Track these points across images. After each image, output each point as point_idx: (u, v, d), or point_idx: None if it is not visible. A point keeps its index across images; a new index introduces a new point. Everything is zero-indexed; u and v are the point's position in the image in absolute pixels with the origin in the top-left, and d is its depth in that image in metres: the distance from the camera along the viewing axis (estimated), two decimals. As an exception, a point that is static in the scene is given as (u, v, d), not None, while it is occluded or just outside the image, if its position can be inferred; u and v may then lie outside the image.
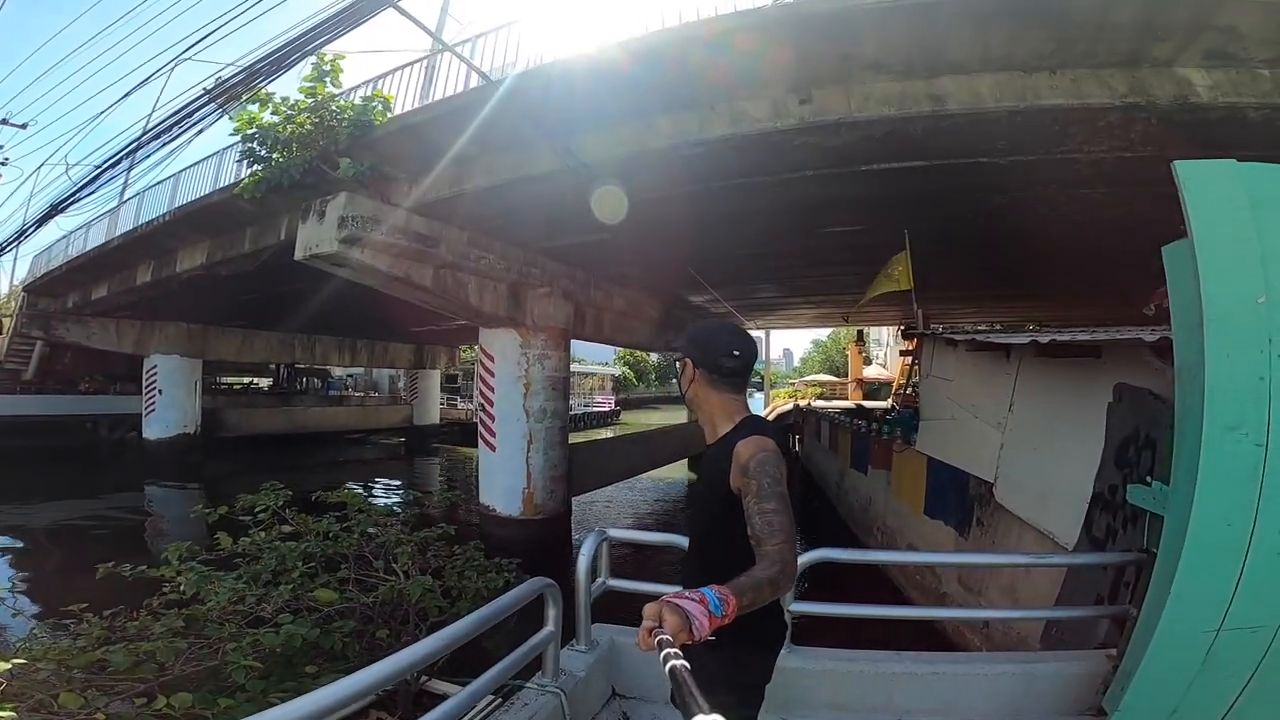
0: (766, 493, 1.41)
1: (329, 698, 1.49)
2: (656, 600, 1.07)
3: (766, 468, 1.46)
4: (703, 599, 1.08)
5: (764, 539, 1.34)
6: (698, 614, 1.05)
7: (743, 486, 1.47)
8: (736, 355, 1.68)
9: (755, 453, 1.49)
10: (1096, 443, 4.16)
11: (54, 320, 18.21)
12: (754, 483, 1.44)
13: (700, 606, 1.06)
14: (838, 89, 5.43)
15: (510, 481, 10.55)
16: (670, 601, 1.06)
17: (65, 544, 11.53)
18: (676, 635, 1.00)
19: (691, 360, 1.74)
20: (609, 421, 41.28)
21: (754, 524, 1.38)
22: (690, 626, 1.03)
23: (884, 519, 9.23)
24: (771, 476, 1.45)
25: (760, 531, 1.36)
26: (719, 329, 1.76)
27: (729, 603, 1.11)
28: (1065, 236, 8.69)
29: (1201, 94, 4.86)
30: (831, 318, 22.48)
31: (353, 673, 1.63)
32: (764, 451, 1.50)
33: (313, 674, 2.59)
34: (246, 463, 19.51)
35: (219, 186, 10.16)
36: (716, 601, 1.09)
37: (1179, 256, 2.43)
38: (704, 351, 1.72)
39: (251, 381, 33.55)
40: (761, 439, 1.54)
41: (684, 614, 1.03)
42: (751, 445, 1.52)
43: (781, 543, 1.32)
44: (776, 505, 1.39)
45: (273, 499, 3.71)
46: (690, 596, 1.08)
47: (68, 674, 2.10)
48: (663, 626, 1.02)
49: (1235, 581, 2.19)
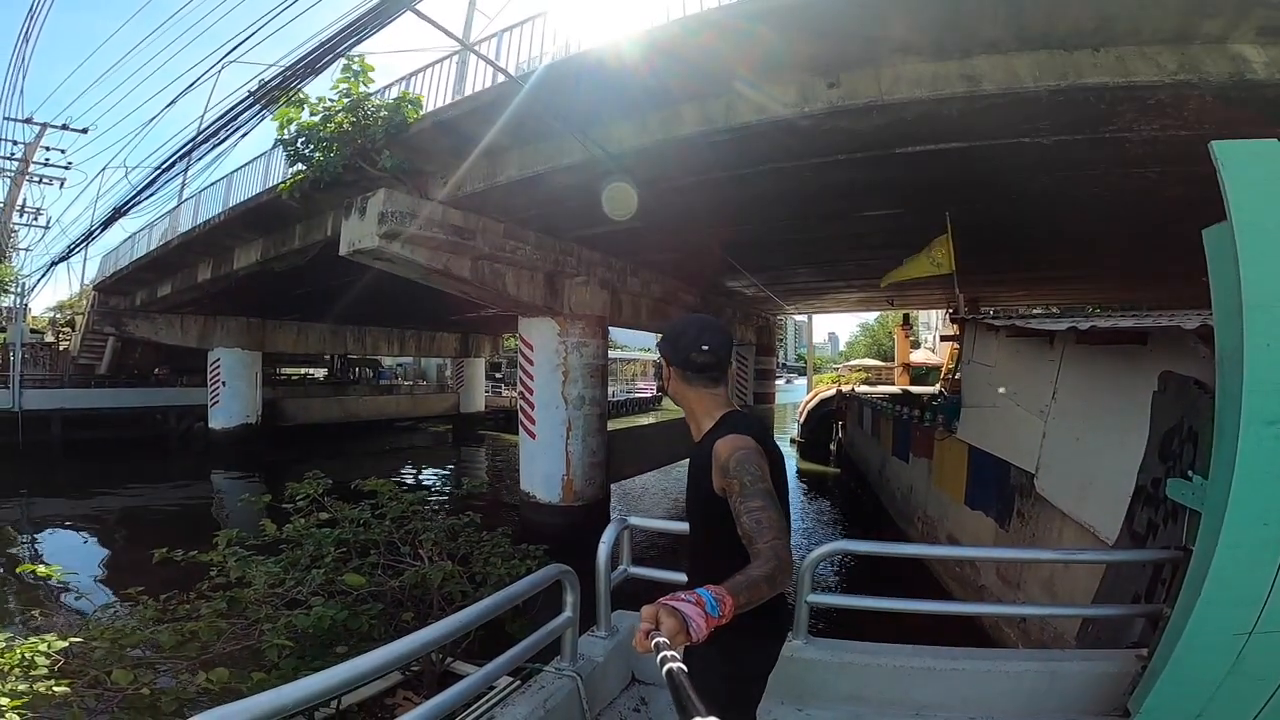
0: (750, 490, 1.40)
1: (352, 671, 1.65)
2: (653, 603, 1.07)
3: (746, 465, 1.45)
4: (699, 600, 1.07)
5: (755, 537, 1.33)
6: (694, 616, 1.04)
7: (726, 487, 1.46)
8: (706, 349, 1.66)
9: (733, 451, 1.48)
10: (1141, 434, 3.97)
11: (124, 317, 19.34)
12: (736, 482, 1.43)
13: (696, 608, 1.06)
14: (867, 72, 5.28)
15: (550, 468, 10.74)
16: (667, 604, 1.06)
17: (135, 530, 12.30)
18: (674, 638, 1.00)
19: (666, 358, 1.73)
20: (650, 407, 41.32)
21: (742, 523, 1.37)
22: (688, 628, 1.03)
23: (925, 508, 9.03)
24: (752, 474, 1.43)
25: (750, 530, 1.34)
26: (690, 324, 1.74)
27: (725, 603, 1.10)
28: (1120, 217, 8.24)
29: (1258, 70, 4.58)
30: (876, 301, 21.90)
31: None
32: (741, 449, 1.48)
33: (342, 653, 2.74)
34: (304, 451, 20.32)
35: (268, 186, 10.58)
36: (713, 602, 1.09)
37: (1220, 240, 2.29)
38: (675, 348, 1.71)
39: (308, 372, 34.83)
40: (738, 436, 1.53)
41: (681, 616, 1.03)
42: (729, 444, 1.51)
43: (773, 538, 1.31)
44: (763, 502, 1.38)
45: (313, 488, 3.90)
46: (686, 598, 1.08)
47: (120, 652, 2.28)
48: (660, 629, 1.01)
49: (1270, 583, 2.08)
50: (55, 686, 1.87)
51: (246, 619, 2.69)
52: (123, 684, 2.13)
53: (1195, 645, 2.21)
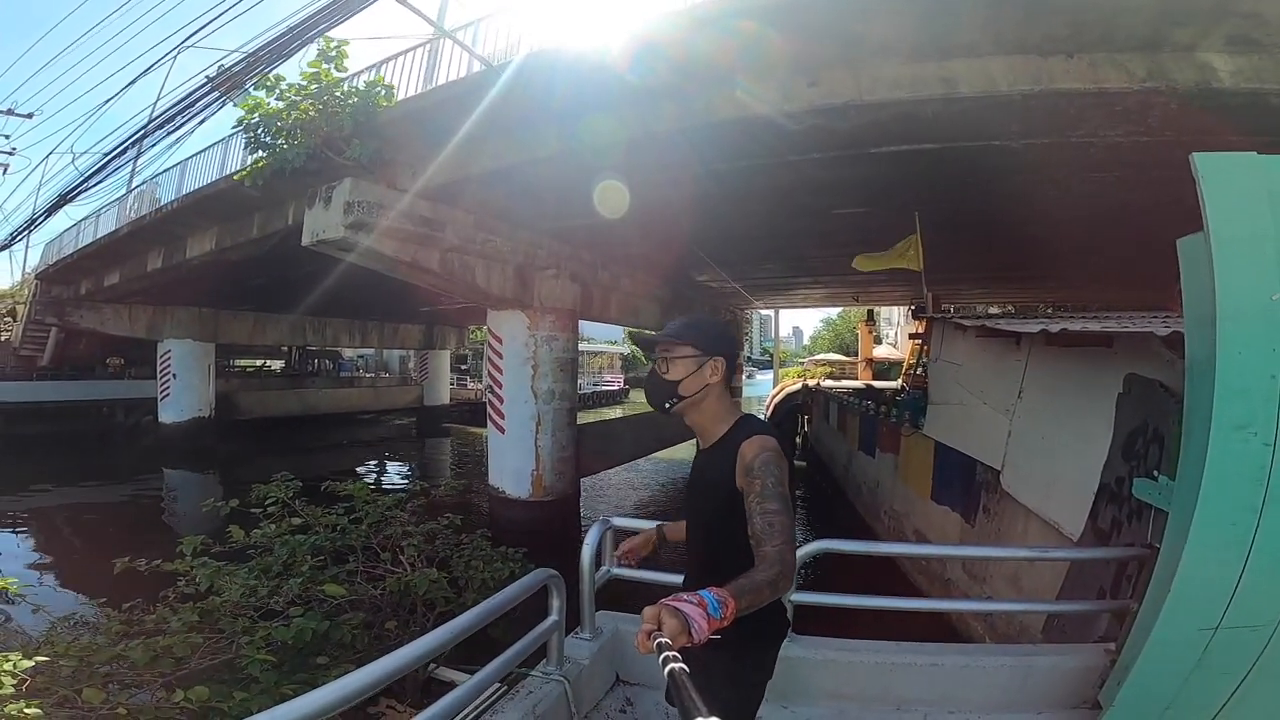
0: (770, 493, 1.42)
1: (341, 691, 1.54)
2: (655, 603, 1.07)
3: (770, 468, 1.47)
4: (701, 602, 1.08)
5: (764, 539, 1.35)
6: (696, 617, 1.05)
7: (746, 485, 1.48)
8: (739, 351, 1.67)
9: (759, 452, 1.50)
10: (1105, 433, 4.12)
11: (68, 307, 18.42)
12: (758, 482, 1.44)
13: (699, 610, 1.06)
14: (846, 71, 5.32)
15: (519, 463, 10.63)
16: (669, 605, 1.06)
17: (85, 531, 11.72)
18: (675, 638, 1.01)
19: (701, 348, 1.64)
20: (618, 400, 41.35)
21: (754, 523, 1.38)
22: (689, 629, 1.03)
23: (891, 503, 9.24)
24: (775, 477, 1.45)
25: (761, 532, 1.36)
26: (724, 322, 1.75)
27: (728, 605, 1.11)
28: (1077, 220, 8.54)
29: (1224, 79, 4.74)
30: (841, 297, 22.34)
31: (363, 663, 1.68)
32: (768, 451, 1.50)
33: (324, 665, 2.65)
34: (260, 445, 19.76)
35: (226, 174, 10.16)
36: (715, 604, 1.09)
37: (1194, 250, 2.38)
38: (722, 339, 1.67)
39: (264, 364, 33.80)
40: (766, 439, 1.55)
41: (683, 617, 1.04)
42: (756, 444, 1.52)
43: (781, 544, 1.33)
44: (779, 506, 1.40)
45: (282, 491, 3.75)
46: (689, 599, 1.08)
47: (89, 670, 2.16)
48: (661, 629, 1.02)
49: (1236, 580, 2.17)
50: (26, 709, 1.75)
51: (221, 632, 2.58)
52: (95, 703, 2.02)
53: (1163, 640, 2.30)
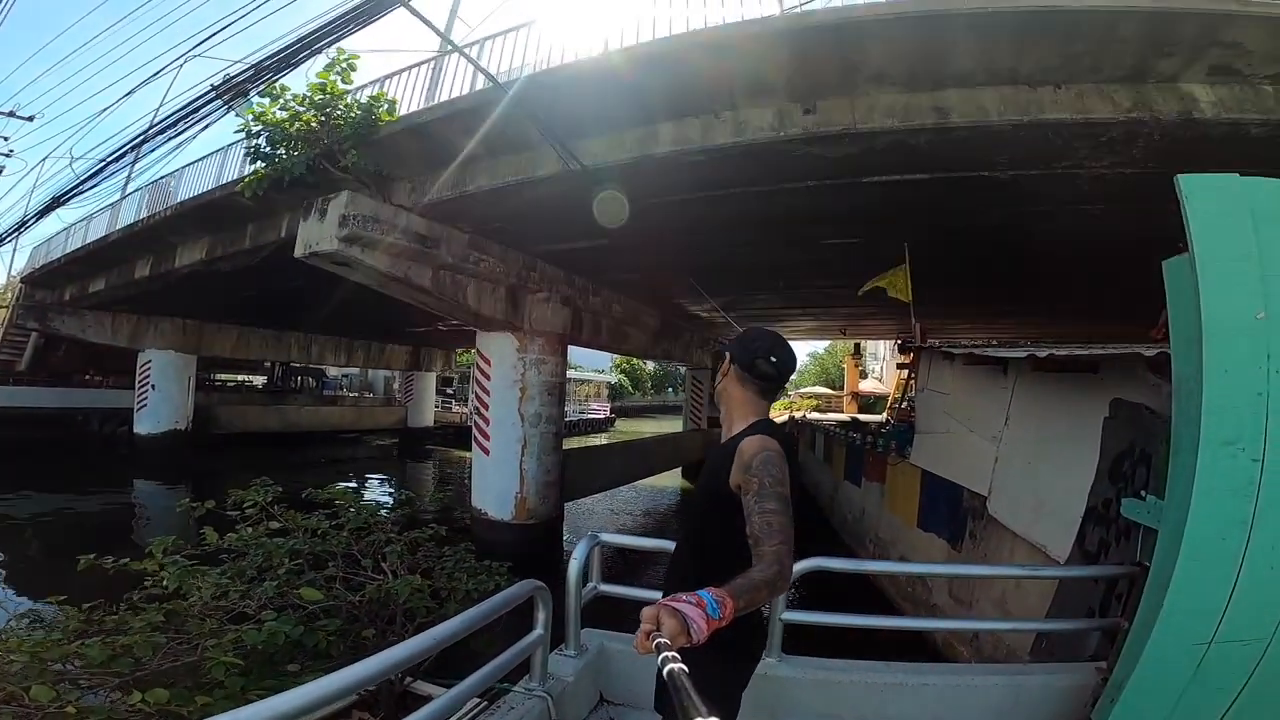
0: (767, 492, 1.39)
1: (307, 696, 1.47)
2: (654, 604, 1.06)
3: (769, 467, 1.44)
4: (700, 602, 1.07)
5: (762, 539, 1.32)
6: (695, 617, 1.04)
7: (744, 484, 1.45)
8: (774, 361, 1.68)
9: (759, 450, 1.47)
10: (1091, 457, 4.16)
11: (50, 312, 18.10)
12: (755, 480, 1.42)
13: (698, 610, 1.05)
14: (842, 100, 5.45)
15: (503, 485, 10.50)
16: (668, 605, 1.05)
17: (48, 537, 11.37)
18: (675, 639, 1.00)
19: (731, 355, 1.75)
20: (604, 428, 41.19)
21: (753, 523, 1.36)
22: (689, 630, 1.02)
23: (876, 531, 9.21)
24: (773, 476, 1.42)
25: (759, 531, 1.34)
26: (765, 334, 1.77)
27: (726, 605, 1.10)
28: (1061, 252, 8.73)
29: (1205, 110, 4.87)
30: (829, 330, 22.55)
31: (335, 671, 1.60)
32: (767, 450, 1.48)
33: (295, 672, 2.55)
34: (237, 461, 19.28)
35: (222, 183, 10.15)
36: (714, 604, 1.08)
37: (1179, 271, 2.43)
38: (745, 349, 1.73)
39: (245, 379, 33.35)
40: (766, 438, 1.52)
41: (682, 617, 1.03)
42: (755, 443, 1.50)
43: (779, 544, 1.30)
44: (777, 506, 1.37)
45: (261, 495, 3.66)
46: (687, 599, 1.07)
47: (41, 666, 2.05)
48: (660, 630, 1.01)
49: (1228, 595, 2.17)
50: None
51: (186, 634, 2.47)
52: (43, 701, 1.91)
53: (1157, 657, 2.28)
